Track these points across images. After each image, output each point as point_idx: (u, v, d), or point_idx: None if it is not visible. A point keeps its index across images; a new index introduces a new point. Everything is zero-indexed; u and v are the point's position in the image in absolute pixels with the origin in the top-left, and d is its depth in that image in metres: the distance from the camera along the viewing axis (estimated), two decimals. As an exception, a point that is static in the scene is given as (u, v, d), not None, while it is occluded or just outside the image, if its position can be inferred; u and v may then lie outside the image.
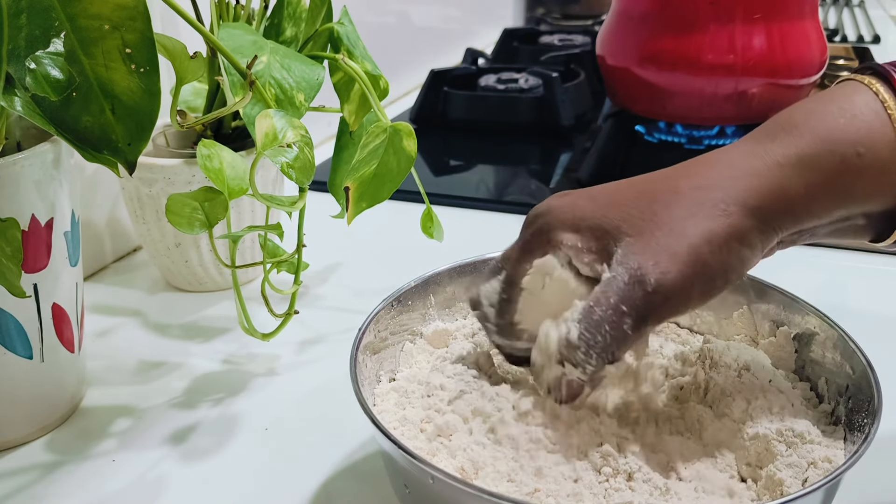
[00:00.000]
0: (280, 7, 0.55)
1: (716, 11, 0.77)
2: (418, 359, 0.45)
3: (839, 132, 0.34)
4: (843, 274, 0.65)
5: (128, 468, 0.44)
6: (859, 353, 0.38)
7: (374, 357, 0.42)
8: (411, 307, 0.45)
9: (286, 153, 0.43)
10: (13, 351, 0.43)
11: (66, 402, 0.47)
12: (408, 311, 0.45)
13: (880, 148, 0.34)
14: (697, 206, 0.34)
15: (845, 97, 0.35)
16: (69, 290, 0.45)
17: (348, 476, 0.43)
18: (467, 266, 0.47)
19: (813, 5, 0.81)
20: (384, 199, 0.49)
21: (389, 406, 0.40)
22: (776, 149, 0.34)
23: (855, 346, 0.39)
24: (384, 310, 0.43)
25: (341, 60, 0.51)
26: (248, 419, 0.48)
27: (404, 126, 0.49)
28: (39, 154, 0.41)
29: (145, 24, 0.37)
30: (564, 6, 1.66)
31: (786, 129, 0.35)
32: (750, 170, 0.34)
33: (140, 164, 0.55)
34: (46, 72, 0.36)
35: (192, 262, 0.59)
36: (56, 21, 0.36)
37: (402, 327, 0.45)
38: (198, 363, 0.53)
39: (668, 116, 0.83)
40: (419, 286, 0.46)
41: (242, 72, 0.46)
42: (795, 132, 0.35)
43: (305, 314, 0.57)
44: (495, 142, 0.94)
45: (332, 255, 0.67)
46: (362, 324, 0.42)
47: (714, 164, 0.35)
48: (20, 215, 0.40)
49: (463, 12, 1.41)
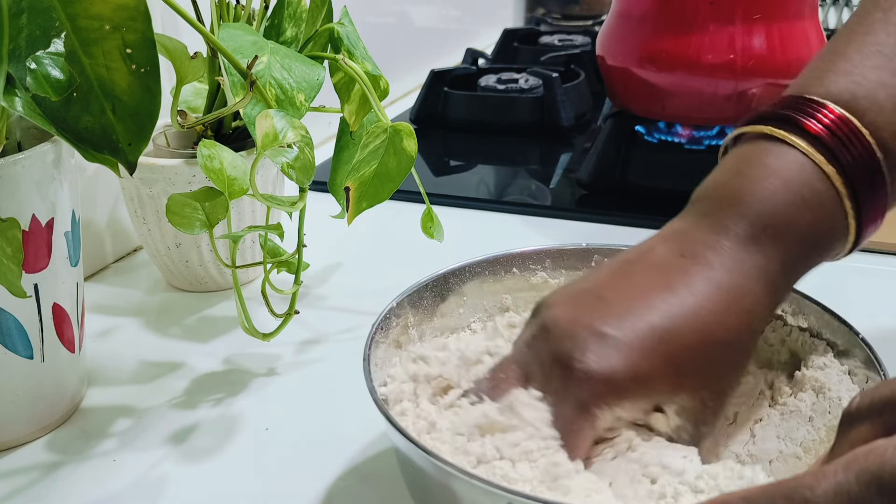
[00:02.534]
0: (280, 7, 0.55)
1: (716, 12, 0.77)
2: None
3: (805, 226, 0.37)
4: (843, 274, 0.65)
5: (128, 468, 0.44)
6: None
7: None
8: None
9: (286, 153, 0.43)
10: (14, 351, 0.43)
11: (67, 401, 0.47)
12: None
13: (836, 221, 0.37)
14: (739, 361, 0.37)
15: (782, 171, 0.37)
16: (70, 290, 0.45)
17: (349, 476, 0.43)
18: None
19: (813, 6, 0.81)
20: (384, 199, 0.49)
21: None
22: (766, 263, 0.37)
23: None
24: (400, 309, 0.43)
25: (341, 61, 0.51)
26: (248, 419, 0.48)
27: (404, 126, 0.49)
28: (40, 154, 0.41)
29: (146, 25, 0.37)
30: (564, 7, 1.66)
31: (771, 235, 0.37)
32: (762, 307, 0.37)
33: (140, 164, 0.54)
34: (47, 72, 0.36)
35: (193, 262, 0.59)
36: (56, 21, 0.36)
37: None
38: (198, 363, 0.53)
39: (667, 117, 0.83)
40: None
41: (243, 72, 0.46)
42: (773, 240, 0.37)
43: (306, 314, 0.57)
44: (495, 142, 0.94)
45: (332, 256, 0.67)
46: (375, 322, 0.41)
47: (718, 301, 0.36)
48: (21, 215, 0.41)
49: (463, 12, 1.41)
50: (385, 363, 0.42)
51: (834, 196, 0.37)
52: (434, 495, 0.35)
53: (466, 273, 0.46)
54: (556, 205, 0.79)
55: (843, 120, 0.37)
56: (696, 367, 0.35)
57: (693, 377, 0.35)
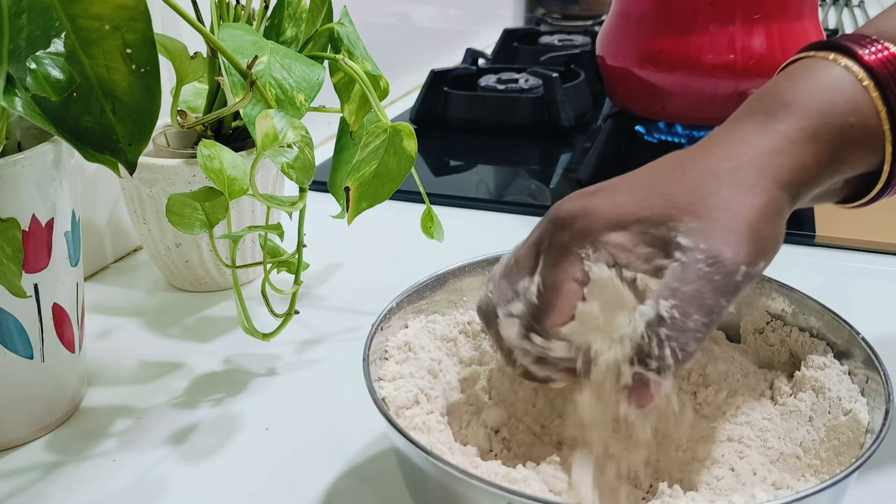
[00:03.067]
0: (280, 7, 0.55)
1: (716, 12, 0.77)
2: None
3: (830, 106, 0.37)
4: (843, 274, 0.65)
5: (128, 468, 0.44)
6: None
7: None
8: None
9: (286, 153, 0.43)
10: (14, 351, 0.43)
11: (67, 402, 0.47)
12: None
13: (866, 116, 0.37)
14: (740, 186, 0.35)
15: (820, 74, 0.38)
16: (70, 290, 0.45)
17: (349, 476, 0.43)
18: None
19: (813, 5, 0.81)
20: (384, 199, 0.49)
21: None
22: (783, 127, 0.37)
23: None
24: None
25: (341, 61, 0.51)
26: (248, 419, 0.48)
27: (404, 126, 0.49)
28: (40, 154, 0.41)
29: (146, 25, 0.37)
30: (564, 6, 1.66)
31: (784, 108, 0.37)
32: (771, 148, 0.36)
33: (140, 164, 0.55)
34: (47, 72, 0.36)
35: (193, 262, 0.59)
36: (56, 21, 0.36)
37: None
38: (198, 363, 0.53)
39: (667, 117, 0.83)
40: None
41: (243, 72, 0.46)
42: (793, 110, 0.37)
43: (306, 314, 0.57)
44: (495, 142, 0.94)
45: (332, 255, 0.67)
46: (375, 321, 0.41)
47: (735, 145, 0.37)
48: (21, 215, 0.40)
49: (463, 12, 1.41)
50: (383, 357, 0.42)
51: (872, 109, 0.37)
52: (434, 495, 0.35)
53: (466, 272, 0.46)
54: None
55: (893, 55, 0.38)
56: (685, 188, 0.35)
57: (684, 197, 0.35)
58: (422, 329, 0.44)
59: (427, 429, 0.37)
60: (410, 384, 0.40)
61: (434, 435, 0.37)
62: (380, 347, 0.41)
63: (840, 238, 0.68)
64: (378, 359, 0.41)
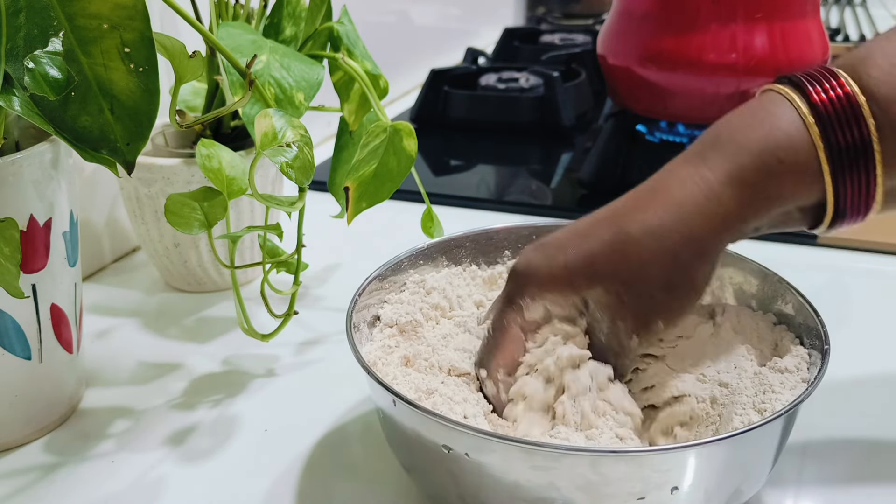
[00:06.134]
0: (279, 6, 0.54)
1: (717, 11, 0.76)
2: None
3: (761, 142, 0.37)
4: (843, 274, 0.64)
5: (126, 469, 0.44)
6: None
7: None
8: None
9: (285, 153, 0.43)
10: (11, 352, 0.43)
11: (65, 403, 0.47)
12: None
13: (798, 152, 0.37)
14: (658, 256, 0.37)
15: (764, 108, 0.38)
16: (68, 290, 0.45)
17: (349, 477, 0.43)
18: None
19: (815, 4, 0.81)
20: (384, 199, 0.49)
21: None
22: (708, 172, 0.38)
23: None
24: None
25: (341, 60, 0.51)
26: (247, 420, 0.47)
27: (404, 126, 0.49)
28: (38, 154, 0.41)
29: (144, 24, 0.37)
30: (565, 5, 1.65)
31: (714, 148, 0.38)
32: (692, 202, 0.37)
33: (139, 164, 0.54)
34: (45, 71, 0.36)
35: (191, 262, 0.59)
36: (54, 20, 0.36)
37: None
38: (197, 364, 0.53)
39: (669, 116, 0.83)
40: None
41: (242, 71, 0.45)
42: (723, 149, 0.38)
43: (305, 315, 0.57)
44: (495, 142, 0.94)
45: (331, 256, 0.66)
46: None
47: (658, 201, 0.38)
48: (18, 215, 0.40)
49: (463, 11, 1.40)
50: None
51: (806, 145, 0.37)
52: (413, 446, 0.37)
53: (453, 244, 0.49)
54: (557, 205, 0.79)
55: (848, 95, 0.37)
56: (611, 260, 0.38)
57: (607, 270, 0.38)
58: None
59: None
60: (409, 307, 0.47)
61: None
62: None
63: (842, 238, 0.68)
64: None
